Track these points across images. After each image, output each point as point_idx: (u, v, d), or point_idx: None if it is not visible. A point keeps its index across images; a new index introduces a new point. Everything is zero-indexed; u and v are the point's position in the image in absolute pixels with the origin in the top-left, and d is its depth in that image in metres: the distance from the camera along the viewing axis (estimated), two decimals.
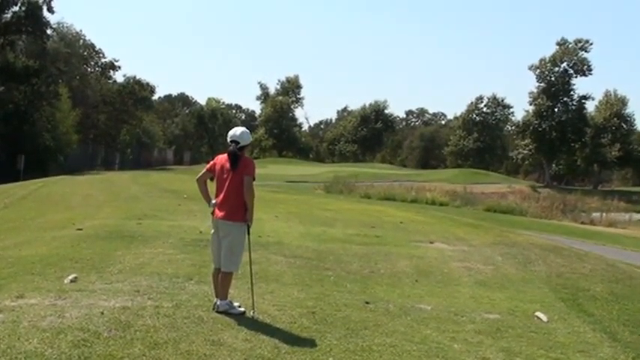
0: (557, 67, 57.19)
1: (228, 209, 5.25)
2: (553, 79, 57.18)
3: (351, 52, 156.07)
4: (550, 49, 68.31)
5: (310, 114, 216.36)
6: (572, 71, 57.09)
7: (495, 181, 50.65)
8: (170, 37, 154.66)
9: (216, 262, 5.41)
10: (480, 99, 76.66)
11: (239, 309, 5.32)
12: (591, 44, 56.75)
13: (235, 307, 5.33)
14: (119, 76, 53.70)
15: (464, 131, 75.66)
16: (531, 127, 57.56)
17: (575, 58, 56.49)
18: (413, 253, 9.29)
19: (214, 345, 4.50)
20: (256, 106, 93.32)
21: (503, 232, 13.00)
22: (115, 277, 6.30)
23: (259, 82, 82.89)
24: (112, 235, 8.87)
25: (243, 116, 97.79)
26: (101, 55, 51.79)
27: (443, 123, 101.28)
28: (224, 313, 5.22)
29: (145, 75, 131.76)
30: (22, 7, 35.77)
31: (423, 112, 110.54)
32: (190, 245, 8.36)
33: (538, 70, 57.75)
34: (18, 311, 4.86)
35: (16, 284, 5.85)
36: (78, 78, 48.90)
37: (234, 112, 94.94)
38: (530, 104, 58.69)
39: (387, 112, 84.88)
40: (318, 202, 18.75)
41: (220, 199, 5.32)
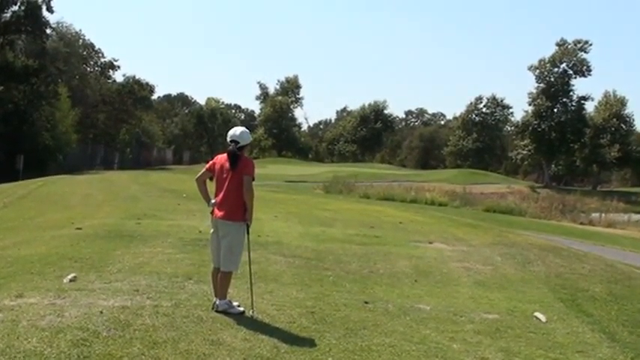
0: (557, 68, 57.14)
1: (227, 209, 5.26)
2: (552, 79, 57.13)
3: (351, 52, 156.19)
4: (549, 49, 68.50)
5: (310, 114, 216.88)
6: (571, 72, 57.03)
7: (494, 182, 50.60)
8: (170, 37, 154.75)
9: (216, 261, 5.42)
10: (480, 99, 76.69)
11: (238, 308, 5.33)
12: (590, 45, 56.82)
13: (234, 306, 5.33)
14: (118, 76, 53.90)
15: (463, 131, 75.62)
16: (530, 128, 57.50)
17: (575, 58, 56.46)
18: (412, 253, 9.29)
19: (213, 344, 4.50)
20: (256, 106, 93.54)
21: (502, 233, 13.00)
22: (114, 276, 6.30)
23: (259, 82, 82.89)
24: (111, 235, 8.87)
25: (242, 116, 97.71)
26: (100, 55, 51.95)
27: (442, 123, 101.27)
28: (223, 312, 5.23)
29: (145, 75, 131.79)
30: (22, 7, 35.76)
31: (422, 112, 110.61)
32: (189, 245, 8.36)
33: (537, 71, 57.69)
34: (17, 310, 4.86)
35: (16, 283, 5.85)
36: (77, 77, 48.89)
37: (233, 111, 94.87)
38: (530, 105, 58.62)
39: (386, 112, 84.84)
40: (317, 202, 18.75)
41: (220, 198, 5.32)
